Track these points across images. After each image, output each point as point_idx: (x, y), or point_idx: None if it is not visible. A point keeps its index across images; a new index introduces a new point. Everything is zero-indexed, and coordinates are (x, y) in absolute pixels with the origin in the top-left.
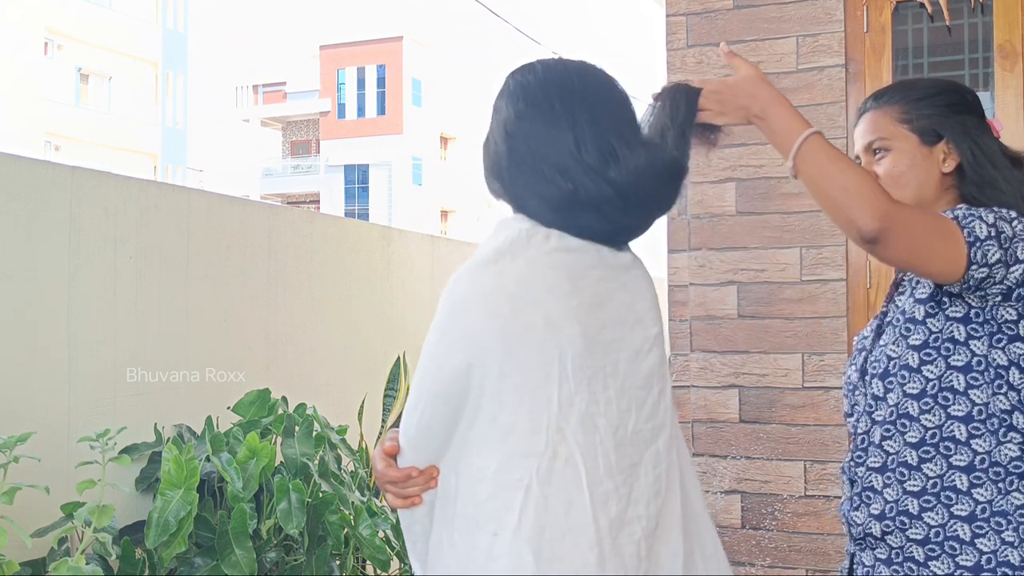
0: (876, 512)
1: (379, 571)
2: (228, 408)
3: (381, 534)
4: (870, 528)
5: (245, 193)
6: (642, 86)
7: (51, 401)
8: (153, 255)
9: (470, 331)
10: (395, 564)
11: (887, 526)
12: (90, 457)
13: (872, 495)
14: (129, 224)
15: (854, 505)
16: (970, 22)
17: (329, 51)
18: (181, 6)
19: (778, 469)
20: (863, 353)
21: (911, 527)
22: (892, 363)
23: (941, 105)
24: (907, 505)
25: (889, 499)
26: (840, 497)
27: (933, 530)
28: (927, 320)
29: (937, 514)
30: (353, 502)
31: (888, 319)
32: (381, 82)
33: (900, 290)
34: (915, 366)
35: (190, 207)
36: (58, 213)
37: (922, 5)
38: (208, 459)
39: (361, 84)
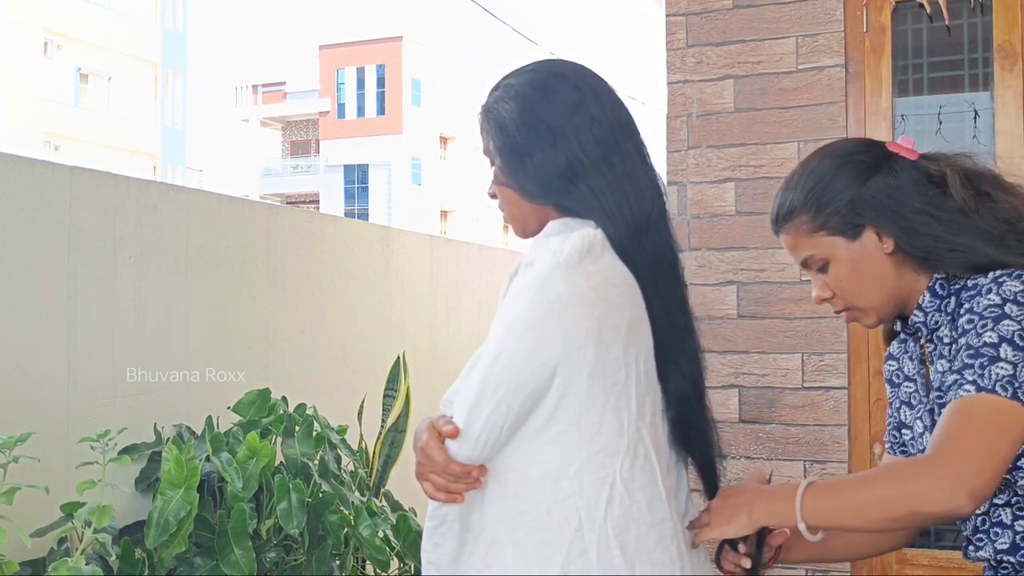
0: (1005, 547)
1: (379, 571)
2: (228, 408)
3: (381, 534)
4: (1002, 559)
5: (245, 193)
6: (641, 86)
7: (51, 401)
8: (153, 255)
9: (565, 331)
10: (395, 564)
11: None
12: (90, 457)
13: (1000, 530)
14: (129, 224)
15: (976, 547)
16: (969, 22)
17: (328, 51)
18: (180, 6)
19: (778, 469)
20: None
21: None
22: None
23: (841, 189)
24: None
25: (1020, 530)
26: None
27: None
28: None
29: None
30: (353, 502)
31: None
32: (381, 82)
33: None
34: None
35: (189, 207)
36: (57, 213)
37: (921, 5)
38: (208, 459)
39: (361, 84)
